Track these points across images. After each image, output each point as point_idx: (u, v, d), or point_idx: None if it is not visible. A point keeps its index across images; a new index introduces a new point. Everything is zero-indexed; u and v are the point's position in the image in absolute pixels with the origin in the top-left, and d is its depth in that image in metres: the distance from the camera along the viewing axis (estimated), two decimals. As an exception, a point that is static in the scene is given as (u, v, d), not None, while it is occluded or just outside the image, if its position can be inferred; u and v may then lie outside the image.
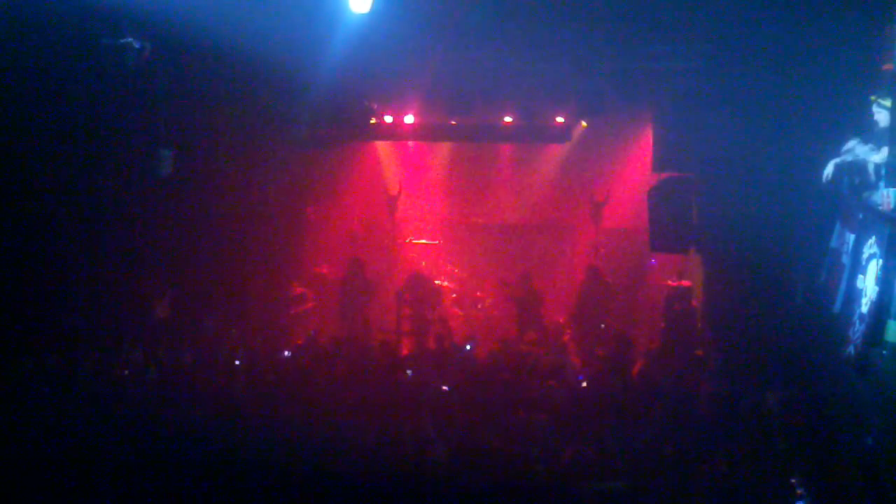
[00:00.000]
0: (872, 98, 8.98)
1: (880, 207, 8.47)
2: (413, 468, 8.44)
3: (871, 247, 8.61)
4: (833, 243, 9.79)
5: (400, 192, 19.72)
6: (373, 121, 17.65)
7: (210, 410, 9.98)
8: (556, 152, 19.94)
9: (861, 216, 8.99)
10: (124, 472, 7.85)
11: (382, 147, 20.65)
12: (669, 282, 16.04)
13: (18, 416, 8.95)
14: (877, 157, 8.75)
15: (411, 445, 8.95)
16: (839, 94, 10.44)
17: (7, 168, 11.74)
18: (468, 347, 13.63)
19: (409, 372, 11.74)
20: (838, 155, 9.41)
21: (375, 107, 17.40)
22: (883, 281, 7.94)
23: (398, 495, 7.61)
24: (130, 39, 11.39)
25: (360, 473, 7.94)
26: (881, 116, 8.72)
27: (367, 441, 9.05)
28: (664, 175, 13.85)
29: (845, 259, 9.30)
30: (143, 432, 8.75)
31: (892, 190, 8.38)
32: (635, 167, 18.27)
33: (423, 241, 20.27)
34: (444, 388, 10.91)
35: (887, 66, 9.20)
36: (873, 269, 8.39)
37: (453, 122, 17.74)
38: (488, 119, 17.51)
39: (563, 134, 18.18)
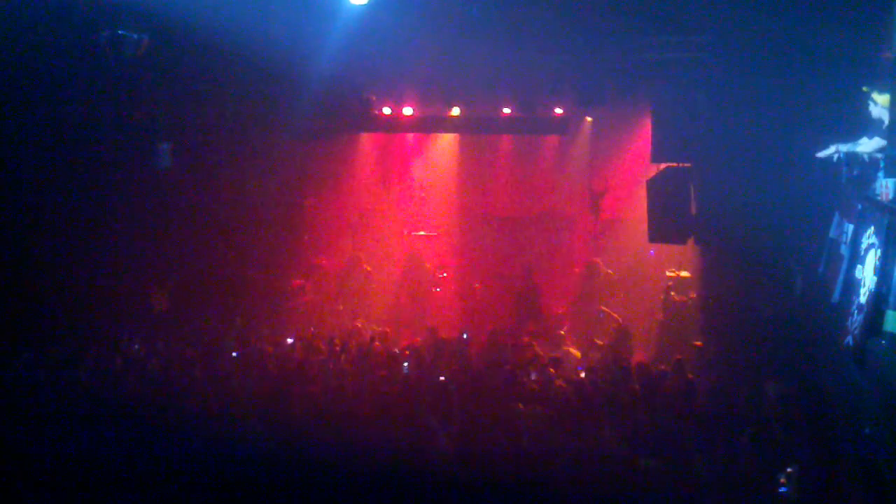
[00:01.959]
0: (864, 89, 8.98)
1: (879, 198, 8.47)
2: (417, 460, 8.45)
3: (869, 237, 8.62)
4: (832, 234, 9.80)
5: (399, 184, 19.71)
6: (371, 112, 17.64)
7: (210, 404, 9.98)
8: (555, 143, 19.94)
9: (860, 207, 8.99)
10: (124, 466, 7.85)
11: (381, 139, 20.63)
12: (668, 272, 16.05)
13: (19, 410, 8.96)
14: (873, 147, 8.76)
15: (415, 437, 8.97)
16: (837, 84, 10.43)
17: (4, 161, 11.72)
18: (465, 336, 13.63)
19: (405, 364, 11.74)
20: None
21: (374, 98, 17.39)
22: (881, 271, 7.95)
23: (402, 487, 7.62)
24: (128, 32, 11.36)
25: (363, 465, 7.95)
26: (875, 109, 8.72)
27: (370, 433, 9.06)
28: (663, 166, 13.86)
29: (844, 249, 9.31)
30: (143, 426, 8.76)
31: (890, 180, 8.38)
32: (634, 158, 18.26)
33: (422, 232, 20.27)
34: (441, 378, 10.91)
35: (886, 55, 9.19)
36: (872, 259, 8.40)
37: (451, 114, 17.72)
38: (487, 111, 17.50)
39: (561, 126, 18.18)
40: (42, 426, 8.61)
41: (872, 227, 8.56)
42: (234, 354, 11.93)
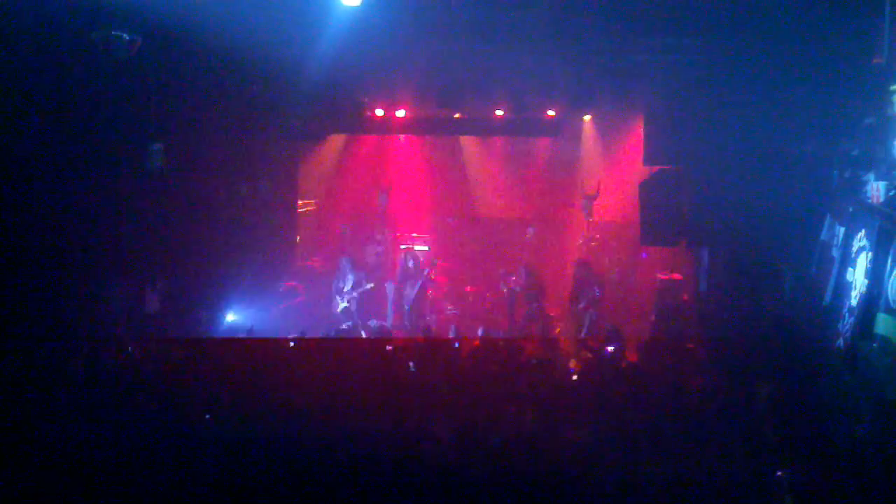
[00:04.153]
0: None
1: (870, 201, 8.51)
2: (408, 461, 8.44)
3: (860, 240, 8.65)
4: (823, 237, 9.84)
5: (391, 186, 19.72)
6: (364, 114, 17.66)
7: (203, 404, 9.96)
8: (548, 146, 19.99)
9: (851, 209, 9.03)
10: (116, 466, 7.84)
11: (374, 140, 20.66)
12: (660, 275, 16.09)
13: (10, 410, 8.93)
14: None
15: (407, 438, 8.96)
16: (828, 88, 10.47)
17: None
18: (456, 345, 13.60)
19: (411, 364, 11.75)
20: (829, 149, 9.45)
21: (366, 100, 17.40)
22: (872, 274, 7.98)
23: (394, 488, 7.62)
24: (121, 33, 11.33)
25: (355, 465, 7.95)
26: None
27: (362, 433, 9.05)
28: (655, 168, 13.89)
29: (835, 252, 9.35)
30: (134, 427, 8.74)
31: (881, 183, 8.42)
32: (627, 161, 18.32)
33: (415, 234, 20.28)
34: (433, 380, 10.91)
35: (877, 60, 9.24)
36: (863, 262, 8.43)
37: (444, 116, 17.74)
38: (479, 113, 17.53)
39: (554, 127, 18.23)
40: (34, 426, 8.59)
41: (864, 230, 8.59)
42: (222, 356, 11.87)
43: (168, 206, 13.83)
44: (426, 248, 19.22)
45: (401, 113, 18.03)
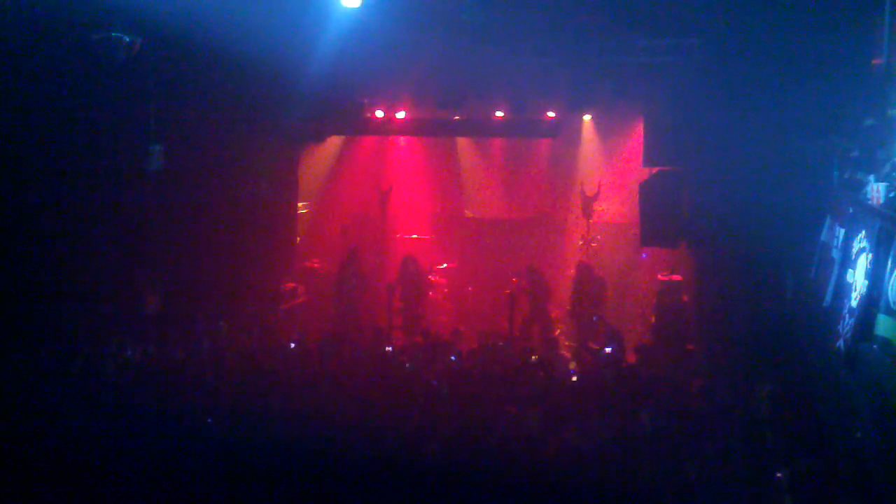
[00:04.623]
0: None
1: (870, 201, 8.49)
2: (408, 461, 8.45)
3: (860, 241, 8.63)
4: (823, 238, 9.83)
5: (391, 187, 19.72)
6: (364, 115, 17.66)
7: (201, 406, 9.96)
8: (548, 147, 19.99)
9: (851, 210, 9.01)
10: (116, 467, 7.83)
11: (374, 142, 20.66)
12: (660, 276, 16.09)
13: (11, 412, 8.93)
14: None
15: (407, 439, 8.96)
16: (829, 89, 10.47)
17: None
18: (453, 358, 13.55)
19: (407, 365, 11.75)
20: (829, 150, 9.44)
21: (366, 101, 17.39)
22: (872, 275, 7.95)
23: (393, 488, 7.62)
24: (121, 34, 11.33)
25: (354, 465, 7.95)
26: None
27: (362, 434, 9.05)
28: (655, 169, 13.89)
29: (835, 253, 9.33)
30: (134, 428, 8.74)
31: (882, 184, 8.41)
32: (626, 161, 18.34)
33: (415, 236, 20.29)
34: (434, 382, 10.90)
35: (877, 61, 9.23)
36: (863, 263, 8.41)
37: (444, 117, 17.73)
38: (479, 114, 17.53)
39: (553, 129, 18.23)
40: (34, 427, 8.59)
41: (864, 231, 8.58)
42: (228, 358, 11.87)
43: (168, 206, 13.82)
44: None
45: (401, 114, 18.04)
